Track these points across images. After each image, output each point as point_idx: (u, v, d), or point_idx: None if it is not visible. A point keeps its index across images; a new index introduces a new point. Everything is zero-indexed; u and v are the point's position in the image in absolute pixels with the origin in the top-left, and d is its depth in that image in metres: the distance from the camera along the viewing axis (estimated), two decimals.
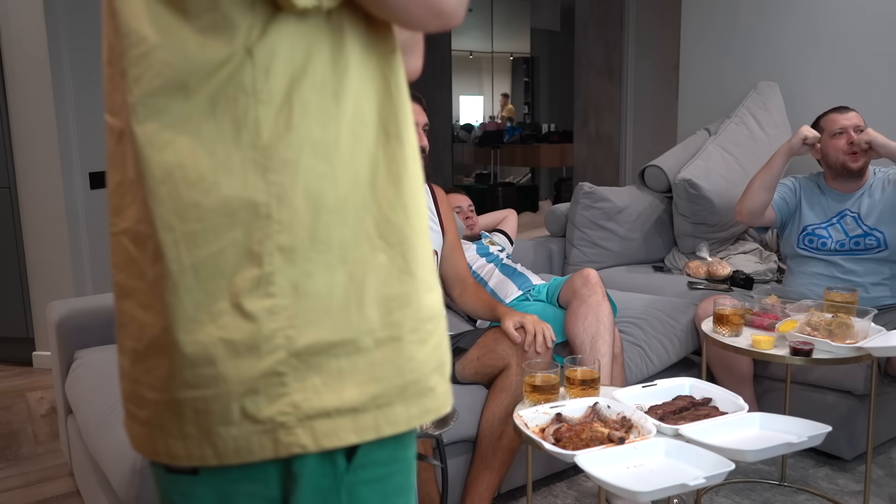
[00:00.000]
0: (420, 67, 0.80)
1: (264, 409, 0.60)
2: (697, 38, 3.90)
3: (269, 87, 0.60)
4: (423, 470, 1.82)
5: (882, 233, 2.44)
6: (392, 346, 0.64)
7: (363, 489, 0.65)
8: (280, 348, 0.60)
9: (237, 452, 0.60)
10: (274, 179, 0.59)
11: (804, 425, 1.48)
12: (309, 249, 0.61)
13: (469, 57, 8.04)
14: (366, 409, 0.62)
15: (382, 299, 0.64)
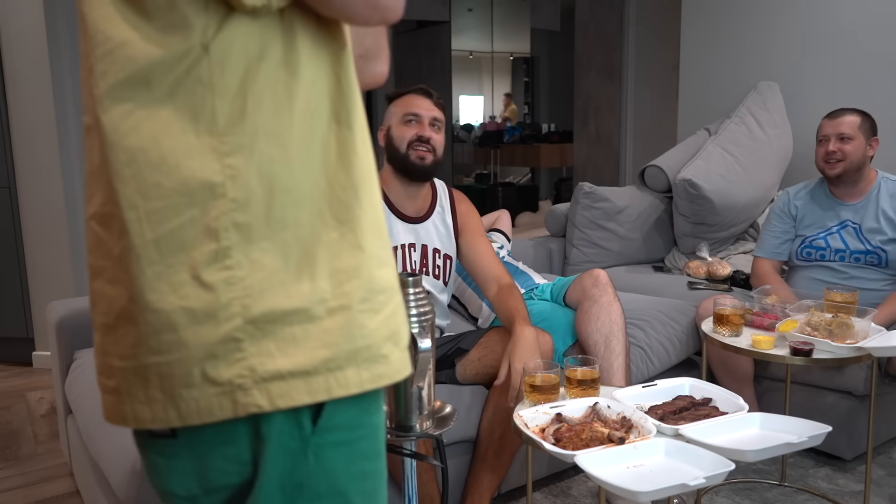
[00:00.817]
0: (386, 72, 0.86)
1: (223, 372, 0.65)
2: (697, 38, 3.90)
3: (225, 79, 0.65)
4: (424, 471, 1.82)
5: (885, 251, 2.40)
6: (343, 314, 0.69)
7: (329, 451, 0.70)
8: (237, 316, 0.65)
9: (199, 413, 0.65)
10: (229, 162, 0.65)
11: (804, 425, 1.48)
12: (264, 226, 0.66)
13: (469, 57, 8.04)
14: (318, 372, 0.67)
15: (334, 271, 0.69)
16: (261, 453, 0.68)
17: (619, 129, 5.49)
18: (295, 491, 0.69)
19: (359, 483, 0.73)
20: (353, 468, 0.73)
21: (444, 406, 1.43)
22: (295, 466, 0.69)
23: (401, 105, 2.01)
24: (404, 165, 1.99)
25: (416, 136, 1.98)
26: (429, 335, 1.32)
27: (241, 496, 0.70)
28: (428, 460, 1.42)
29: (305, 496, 0.70)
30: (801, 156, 3.32)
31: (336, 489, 0.71)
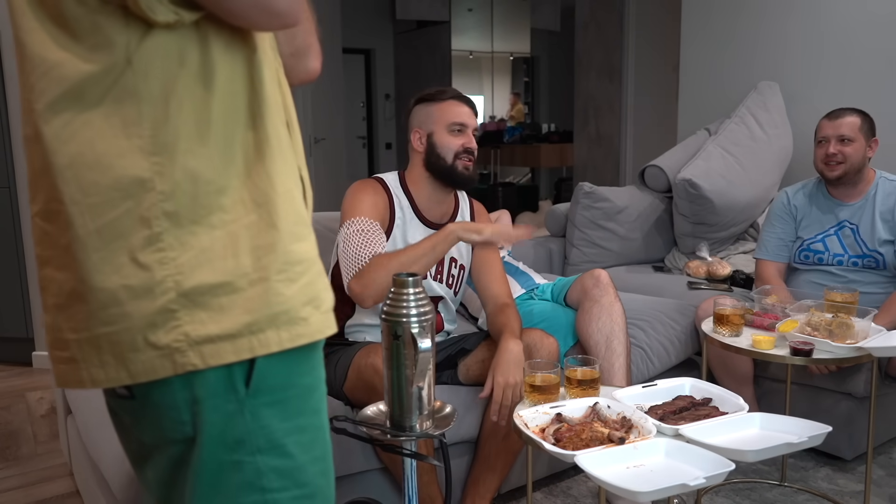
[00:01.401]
0: (318, 68, 0.95)
1: (162, 337, 0.76)
2: (697, 38, 3.90)
3: (148, 87, 0.75)
4: (424, 472, 1.82)
5: (882, 254, 2.39)
6: (262, 284, 0.80)
7: (264, 410, 0.81)
8: (171, 290, 0.76)
9: (145, 372, 0.77)
10: (156, 160, 0.76)
11: (804, 425, 1.47)
12: (192, 213, 0.77)
13: (469, 57, 8.04)
14: (242, 334, 0.78)
15: (253, 248, 0.80)
16: (199, 414, 0.79)
17: (619, 129, 5.49)
18: (237, 446, 0.81)
19: (295, 436, 0.84)
20: (289, 424, 0.83)
21: (444, 406, 1.43)
22: (234, 425, 0.80)
23: (443, 112, 1.96)
24: (450, 175, 1.96)
25: (463, 147, 1.95)
26: (429, 335, 1.32)
27: (191, 450, 0.81)
28: (428, 460, 1.42)
29: (246, 450, 0.81)
30: (801, 156, 3.32)
31: (274, 443, 0.82)
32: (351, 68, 8.09)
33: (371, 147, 8.77)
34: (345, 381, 1.87)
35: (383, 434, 1.38)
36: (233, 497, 0.82)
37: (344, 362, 1.88)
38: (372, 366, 1.76)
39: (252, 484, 0.82)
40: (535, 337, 1.93)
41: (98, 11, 0.74)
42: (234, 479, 0.81)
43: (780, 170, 3.33)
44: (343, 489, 1.84)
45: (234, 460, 0.81)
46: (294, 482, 0.84)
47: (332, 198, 2.13)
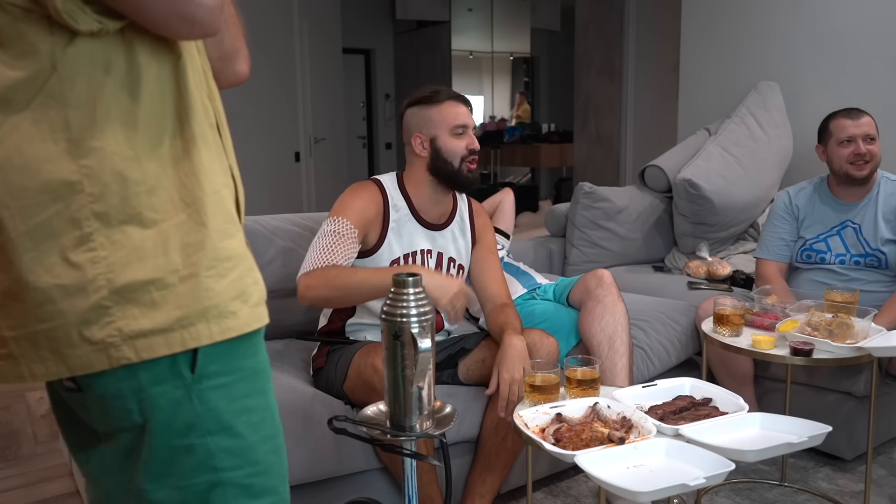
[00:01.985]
0: (246, 72, 0.99)
1: (96, 333, 0.80)
2: (697, 38, 3.90)
3: (75, 93, 0.78)
4: (424, 471, 1.82)
5: (885, 254, 2.39)
6: (192, 281, 0.83)
7: (210, 394, 0.85)
8: (103, 288, 0.79)
9: (82, 366, 0.80)
10: (84, 163, 0.78)
11: (804, 425, 1.48)
12: (122, 213, 0.80)
13: (469, 57, 8.04)
14: (173, 328, 0.82)
15: (183, 246, 0.83)
16: (146, 402, 0.83)
17: (619, 129, 5.49)
18: (187, 430, 0.84)
19: (244, 417, 0.88)
20: (236, 405, 0.87)
21: (444, 406, 1.43)
22: (183, 410, 0.84)
23: (443, 115, 1.94)
24: (456, 178, 1.96)
25: (468, 149, 1.95)
26: (429, 335, 1.32)
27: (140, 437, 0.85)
28: (428, 460, 1.42)
29: (197, 433, 0.85)
30: (801, 156, 3.32)
31: (223, 424, 0.86)
32: (351, 68, 8.09)
33: (371, 147, 8.77)
34: (345, 380, 1.87)
35: (383, 434, 1.38)
36: (185, 478, 0.85)
37: (344, 361, 1.89)
38: (371, 365, 1.76)
39: (204, 464, 0.85)
40: (535, 337, 1.93)
41: (22, 20, 0.76)
42: (186, 462, 0.85)
43: (780, 170, 3.33)
44: (343, 489, 1.84)
45: (185, 444, 0.84)
46: (246, 460, 0.88)
47: (332, 198, 2.12)
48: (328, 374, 1.94)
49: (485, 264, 2.10)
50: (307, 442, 1.75)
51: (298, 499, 1.79)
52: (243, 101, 4.57)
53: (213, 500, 0.87)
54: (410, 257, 1.99)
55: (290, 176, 5.03)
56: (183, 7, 0.79)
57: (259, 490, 0.90)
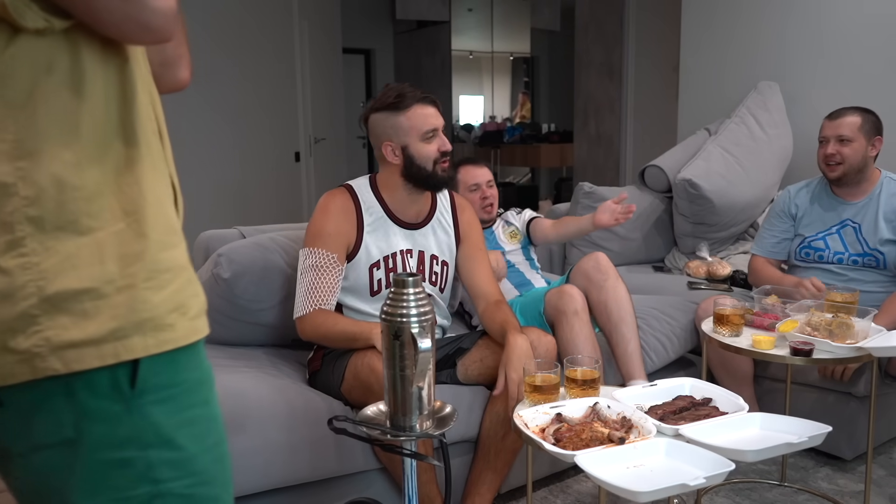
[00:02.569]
0: (188, 78, 0.97)
1: (21, 342, 0.76)
2: (697, 38, 3.90)
3: (15, 93, 0.75)
4: (424, 471, 1.82)
5: (883, 254, 2.39)
6: (128, 292, 0.81)
7: (151, 408, 0.82)
8: (32, 296, 0.76)
9: (2, 377, 0.76)
10: (20, 165, 0.75)
11: (804, 425, 1.48)
12: (58, 219, 0.77)
13: (469, 57, 8.04)
14: (106, 340, 0.79)
15: (121, 256, 0.80)
16: (83, 416, 0.79)
17: (619, 129, 5.49)
18: (125, 443, 0.81)
19: (186, 429, 0.85)
20: (178, 418, 0.84)
21: (444, 406, 1.43)
22: (122, 425, 0.81)
23: (412, 121, 1.93)
24: (431, 180, 1.96)
25: (440, 152, 1.95)
26: (429, 335, 1.32)
27: (71, 452, 0.81)
28: (428, 460, 1.42)
29: (135, 446, 0.82)
30: (801, 156, 3.32)
31: (164, 437, 0.83)
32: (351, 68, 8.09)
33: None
34: (342, 382, 1.87)
35: (383, 434, 1.38)
36: (125, 490, 0.82)
37: (341, 363, 1.89)
38: (368, 366, 1.76)
39: (143, 476, 0.83)
40: (533, 335, 1.93)
41: None
42: (125, 475, 0.82)
43: (780, 170, 3.33)
44: (343, 489, 1.84)
45: (122, 458, 0.82)
46: (187, 471, 0.86)
47: None
48: (325, 377, 1.94)
49: (474, 262, 2.10)
50: (307, 442, 1.75)
51: (298, 499, 1.79)
52: (243, 101, 4.57)
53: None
54: (390, 259, 1.99)
55: (290, 176, 5.02)
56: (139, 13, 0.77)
57: (201, 499, 0.88)
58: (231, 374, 1.89)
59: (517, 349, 1.82)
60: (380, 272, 1.98)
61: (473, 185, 2.56)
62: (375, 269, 1.97)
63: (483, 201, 2.56)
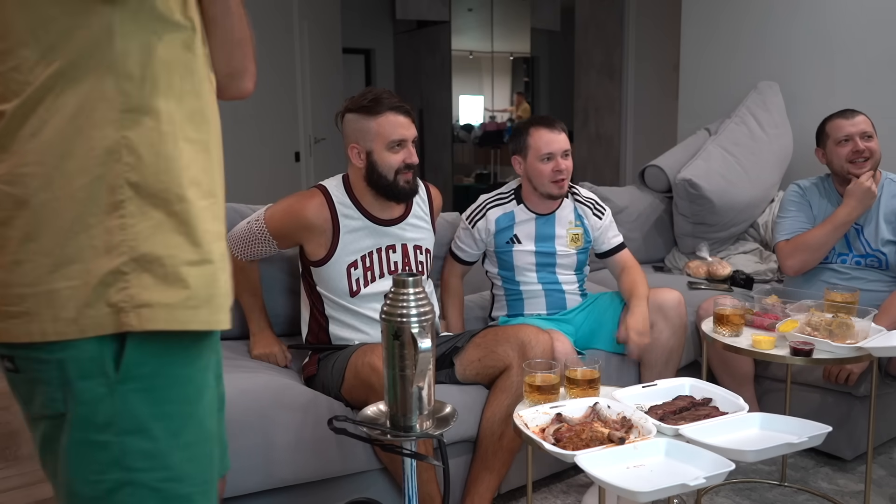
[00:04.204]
0: (251, 89, 1.07)
1: (113, 296, 0.84)
2: (697, 38, 3.90)
3: (128, 66, 0.84)
4: (424, 470, 1.82)
5: (885, 254, 2.38)
6: (207, 266, 0.89)
7: (132, 396, 0.87)
8: (125, 254, 0.84)
9: (93, 328, 0.84)
10: (126, 134, 0.84)
11: (804, 425, 1.48)
12: (153, 186, 0.85)
13: (469, 57, 8.03)
14: (179, 307, 0.86)
15: (204, 231, 0.89)
16: (70, 393, 0.85)
17: (619, 129, 5.48)
18: (104, 426, 0.86)
19: (162, 422, 0.89)
20: (156, 410, 0.88)
21: (444, 406, 1.43)
22: (104, 407, 0.86)
23: (381, 127, 1.90)
24: (391, 191, 1.95)
25: (404, 163, 1.93)
26: (429, 335, 1.32)
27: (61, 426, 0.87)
28: (428, 460, 1.42)
29: (113, 431, 0.86)
30: (801, 156, 3.32)
31: (140, 426, 0.87)
32: (351, 68, 8.08)
33: None
34: (342, 383, 1.86)
35: (383, 434, 1.38)
36: (99, 472, 0.87)
37: (340, 364, 1.88)
38: (369, 364, 1.76)
39: (117, 462, 0.87)
40: (530, 333, 1.93)
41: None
42: (101, 457, 0.87)
43: (780, 170, 3.33)
44: (343, 489, 1.84)
45: (101, 440, 0.86)
46: (159, 464, 0.89)
47: None
48: (322, 380, 1.93)
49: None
50: (307, 442, 1.75)
51: (298, 499, 1.80)
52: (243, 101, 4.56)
53: (122, 499, 0.87)
54: (368, 257, 1.98)
55: (290, 176, 5.02)
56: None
57: (171, 495, 0.90)
58: (231, 374, 1.88)
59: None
60: (357, 272, 1.98)
61: (546, 154, 2.18)
62: (353, 269, 1.97)
63: (555, 174, 2.19)
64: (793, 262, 2.44)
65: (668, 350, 2.20)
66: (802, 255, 2.41)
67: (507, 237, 2.29)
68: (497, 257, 2.32)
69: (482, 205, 2.37)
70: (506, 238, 2.29)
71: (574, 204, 2.36)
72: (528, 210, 2.32)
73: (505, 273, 2.33)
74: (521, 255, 2.28)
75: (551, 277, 2.31)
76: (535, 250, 2.29)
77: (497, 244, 2.30)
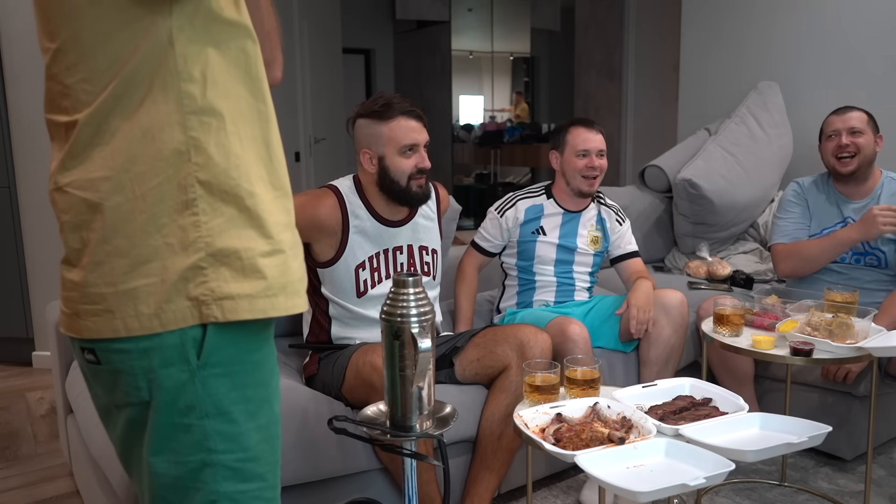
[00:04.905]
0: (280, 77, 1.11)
1: (192, 290, 0.87)
2: (697, 39, 3.90)
3: (188, 69, 0.87)
4: (424, 471, 1.82)
5: (884, 252, 2.38)
6: (279, 256, 0.92)
7: (213, 381, 0.90)
8: (201, 250, 0.87)
9: (175, 321, 0.87)
10: (192, 134, 0.87)
11: (804, 425, 1.48)
12: (223, 183, 0.88)
13: (469, 57, 8.03)
14: (258, 296, 0.90)
15: (273, 223, 0.92)
16: (154, 381, 0.89)
17: (619, 129, 5.48)
18: (188, 410, 0.90)
19: (241, 405, 0.93)
20: (235, 394, 0.92)
21: (444, 406, 1.43)
22: (186, 392, 0.89)
23: (393, 132, 1.90)
24: (404, 196, 1.95)
25: (417, 168, 1.93)
26: (429, 335, 1.32)
27: (146, 412, 0.91)
28: (428, 460, 1.42)
29: (196, 414, 0.90)
30: (801, 156, 3.32)
31: (221, 409, 0.91)
32: (351, 68, 8.09)
33: None
34: (342, 383, 1.86)
35: (383, 434, 1.38)
36: (183, 454, 0.91)
37: (341, 364, 1.88)
38: (370, 363, 1.76)
39: (200, 444, 0.91)
40: (530, 333, 1.93)
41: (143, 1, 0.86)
42: (184, 440, 0.91)
43: (780, 170, 3.33)
44: (343, 488, 1.84)
45: (184, 423, 0.90)
46: (238, 445, 0.93)
47: None
48: (323, 380, 1.93)
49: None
50: (307, 442, 1.75)
51: (298, 499, 1.79)
52: None
53: (205, 479, 0.92)
54: (375, 258, 1.98)
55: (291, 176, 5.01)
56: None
57: (248, 475, 0.94)
58: None
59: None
60: (365, 273, 1.98)
61: (582, 150, 2.31)
62: (361, 270, 1.97)
63: (589, 171, 2.32)
64: (785, 267, 2.51)
65: (668, 348, 2.20)
66: (796, 262, 2.46)
67: (533, 228, 2.38)
68: (518, 247, 2.39)
69: (513, 196, 2.45)
70: (532, 228, 2.37)
71: (599, 208, 2.46)
72: (558, 205, 2.40)
73: (523, 263, 2.40)
74: (544, 247, 2.36)
75: (567, 272, 2.40)
76: (557, 243, 2.37)
77: (522, 234, 2.37)
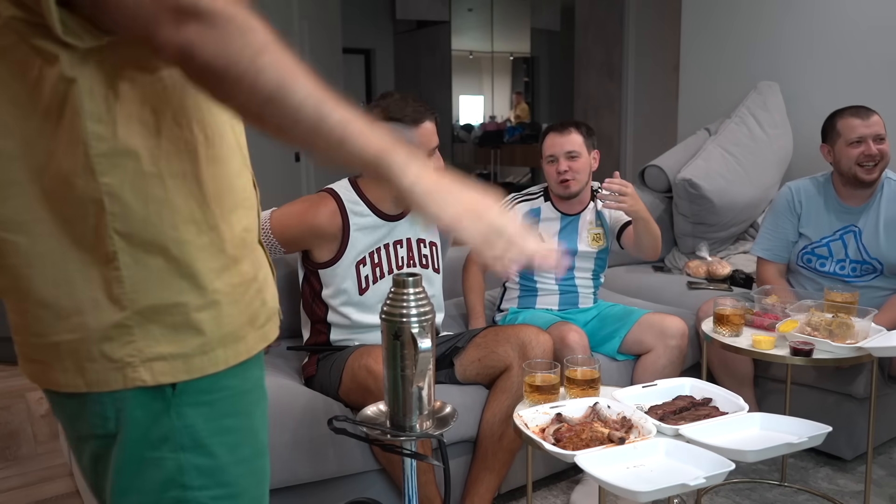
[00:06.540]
0: None
1: (117, 351, 0.79)
2: (697, 38, 3.90)
3: (94, 105, 0.75)
4: (423, 472, 1.82)
5: (882, 263, 2.35)
6: (214, 307, 0.83)
7: (189, 410, 0.83)
8: (126, 308, 0.79)
9: (98, 383, 0.80)
10: (105, 181, 0.77)
11: (804, 425, 1.47)
12: (144, 233, 0.79)
13: (469, 57, 8.04)
14: (194, 354, 0.82)
15: (206, 271, 0.83)
16: (123, 412, 0.81)
17: (618, 128, 5.49)
18: (160, 443, 0.82)
19: (220, 437, 0.85)
20: (214, 424, 0.85)
21: (444, 406, 1.43)
22: (160, 423, 0.82)
23: (424, 136, 1.88)
24: None
25: None
26: (429, 335, 1.32)
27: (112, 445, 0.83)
28: (428, 460, 1.42)
29: (169, 447, 0.82)
30: (801, 156, 3.32)
31: (198, 442, 0.84)
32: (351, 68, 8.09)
33: None
34: (339, 385, 1.86)
35: (383, 434, 1.38)
36: (153, 493, 0.83)
37: (338, 366, 1.88)
38: (366, 367, 1.75)
39: (173, 480, 0.83)
40: (531, 333, 1.93)
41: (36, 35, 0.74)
42: (155, 476, 0.83)
43: (780, 170, 3.33)
44: (343, 489, 1.84)
45: (156, 457, 0.83)
46: (216, 481, 0.85)
47: None
48: (321, 381, 1.93)
49: None
50: (307, 442, 1.75)
51: (298, 499, 1.79)
52: None
53: None
54: (376, 253, 1.98)
55: (290, 176, 5.03)
56: None
57: None
58: None
59: None
60: (366, 268, 1.97)
61: (549, 156, 2.28)
62: (362, 266, 1.97)
63: (557, 175, 2.27)
64: (760, 282, 2.56)
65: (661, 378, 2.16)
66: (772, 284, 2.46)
67: None
68: None
69: (511, 199, 2.44)
70: None
71: (596, 204, 2.40)
72: (554, 209, 2.38)
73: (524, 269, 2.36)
74: None
75: (569, 278, 2.38)
76: (556, 248, 2.31)
77: None
